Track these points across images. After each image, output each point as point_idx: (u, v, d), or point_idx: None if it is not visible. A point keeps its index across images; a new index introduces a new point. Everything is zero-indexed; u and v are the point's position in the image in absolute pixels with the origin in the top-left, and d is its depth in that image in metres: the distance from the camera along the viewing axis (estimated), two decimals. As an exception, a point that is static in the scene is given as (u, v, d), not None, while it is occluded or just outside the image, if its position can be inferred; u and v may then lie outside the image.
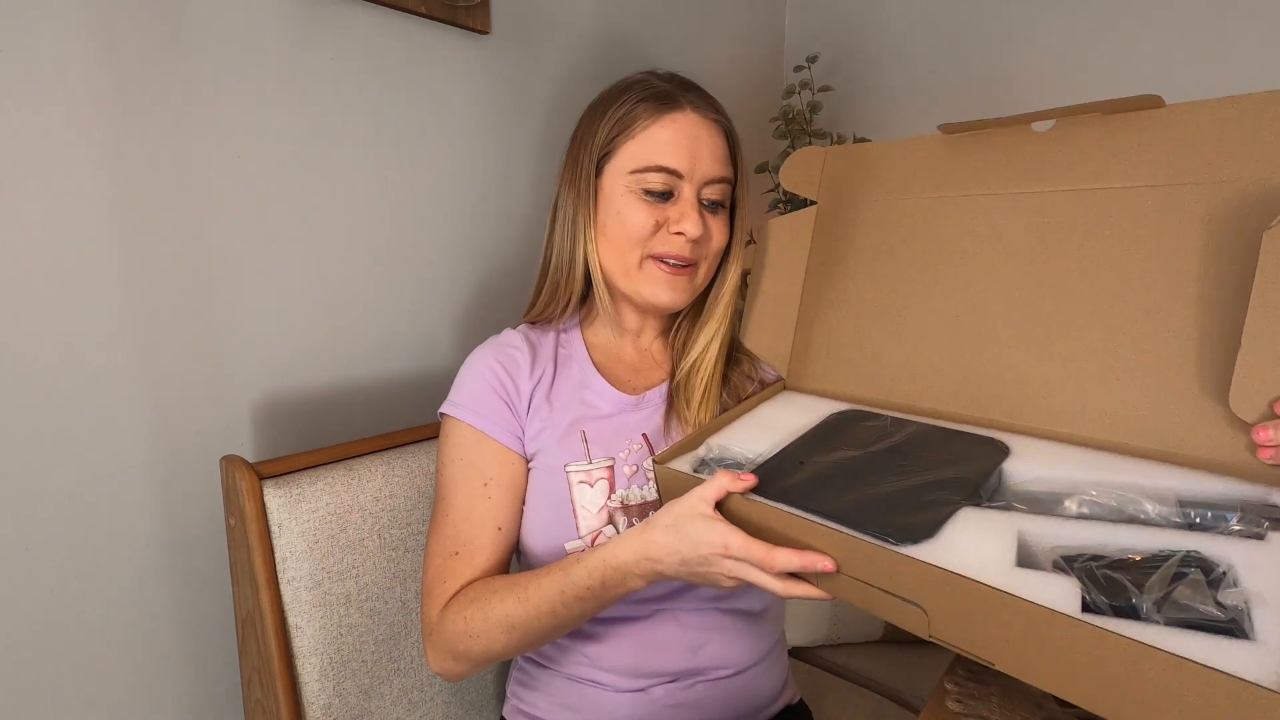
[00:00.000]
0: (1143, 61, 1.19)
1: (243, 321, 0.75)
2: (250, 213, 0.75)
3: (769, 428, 0.68)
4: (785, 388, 0.77)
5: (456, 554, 0.67)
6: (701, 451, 0.66)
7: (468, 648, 0.63)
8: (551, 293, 0.76)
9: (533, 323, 0.78)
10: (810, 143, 1.32)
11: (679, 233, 0.70)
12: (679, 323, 0.80)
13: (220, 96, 0.71)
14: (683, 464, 0.64)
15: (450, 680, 0.71)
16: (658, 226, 0.70)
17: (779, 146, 1.37)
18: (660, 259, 0.71)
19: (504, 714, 0.77)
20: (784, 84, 1.53)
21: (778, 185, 1.34)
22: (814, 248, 0.76)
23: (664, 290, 0.72)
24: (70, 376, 0.65)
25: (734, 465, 0.64)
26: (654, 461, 0.64)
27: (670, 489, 0.62)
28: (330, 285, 0.82)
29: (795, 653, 1.17)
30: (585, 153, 0.72)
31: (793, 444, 0.64)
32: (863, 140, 1.31)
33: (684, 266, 0.72)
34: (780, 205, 1.33)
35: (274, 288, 0.77)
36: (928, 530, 0.50)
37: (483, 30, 0.92)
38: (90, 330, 0.65)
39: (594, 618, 0.67)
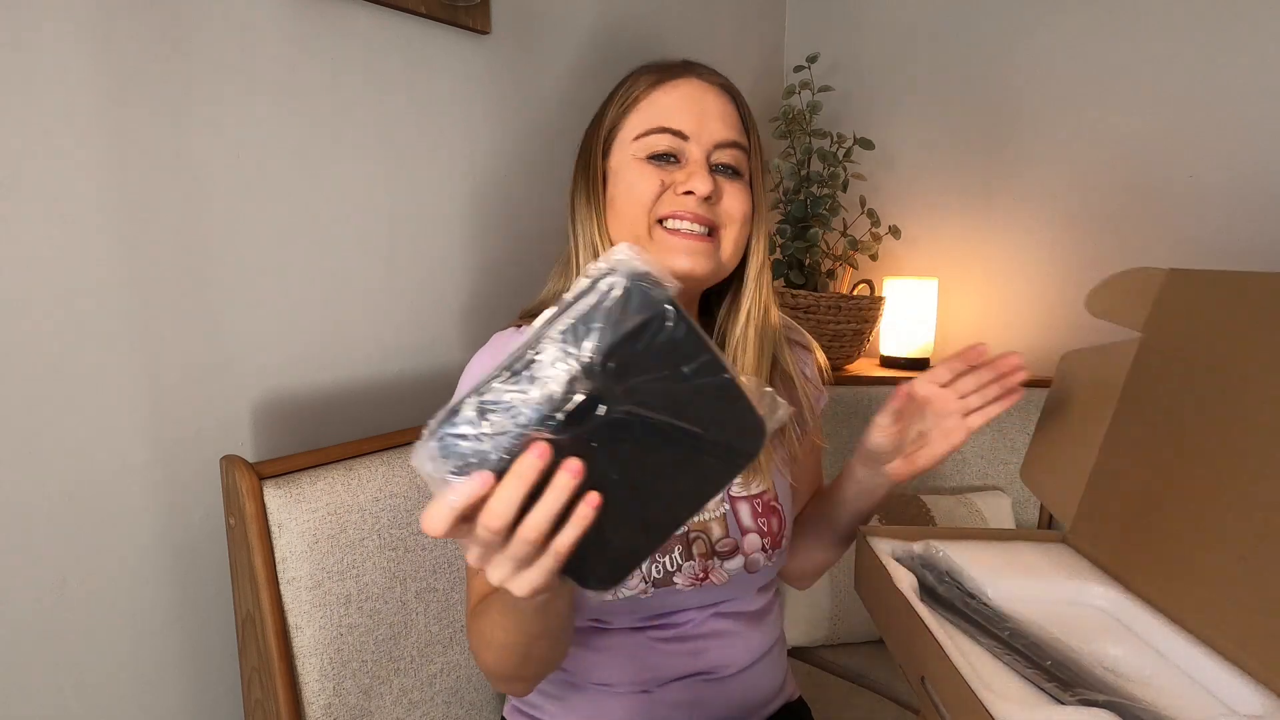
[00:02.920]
0: (1144, 62, 1.20)
1: (243, 321, 0.75)
2: (250, 213, 0.75)
3: (1010, 566, 0.60)
4: (1064, 541, 0.67)
5: None
6: (919, 548, 0.60)
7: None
8: None
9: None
10: (810, 142, 1.32)
11: (688, 191, 0.66)
12: (720, 311, 0.75)
13: (220, 96, 0.71)
14: (884, 547, 0.59)
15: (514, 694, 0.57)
16: (664, 188, 0.66)
17: (779, 146, 1.37)
18: (670, 222, 0.66)
19: (504, 715, 0.77)
20: (784, 84, 1.53)
21: (779, 185, 1.34)
22: (1127, 394, 0.62)
23: (681, 256, 0.65)
24: (70, 376, 0.65)
25: (948, 582, 0.58)
26: (861, 531, 0.60)
27: (865, 563, 0.58)
28: (330, 285, 0.82)
29: (795, 653, 1.17)
30: (594, 138, 0.71)
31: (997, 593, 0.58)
32: (864, 141, 1.31)
33: (704, 235, 0.67)
34: (780, 205, 1.33)
35: (274, 288, 0.77)
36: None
37: (483, 30, 0.92)
38: (90, 330, 0.65)
39: (598, 629, 0.68)
